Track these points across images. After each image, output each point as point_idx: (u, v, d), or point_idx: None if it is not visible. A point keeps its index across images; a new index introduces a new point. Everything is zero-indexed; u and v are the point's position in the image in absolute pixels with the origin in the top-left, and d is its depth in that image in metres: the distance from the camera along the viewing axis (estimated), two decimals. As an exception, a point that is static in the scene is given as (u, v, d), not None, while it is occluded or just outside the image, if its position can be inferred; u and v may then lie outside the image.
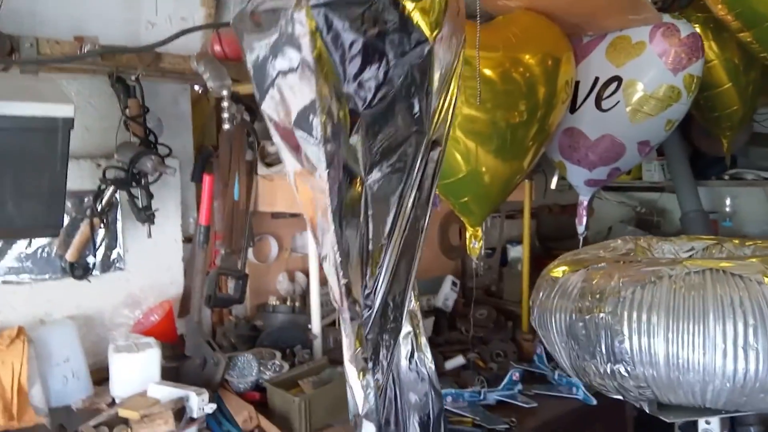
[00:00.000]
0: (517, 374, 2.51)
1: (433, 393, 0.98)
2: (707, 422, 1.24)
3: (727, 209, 3.74)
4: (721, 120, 2.95)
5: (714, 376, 1.00)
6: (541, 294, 1.27)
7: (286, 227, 2.76)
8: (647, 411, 1.10)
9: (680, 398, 1.07)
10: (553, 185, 3.73)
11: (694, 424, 3.17)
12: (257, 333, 2.44)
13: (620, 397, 1.15)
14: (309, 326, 2.43)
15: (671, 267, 1.09)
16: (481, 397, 2.43)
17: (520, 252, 3.49)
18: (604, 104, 2.18)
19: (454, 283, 3.29)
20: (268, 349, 2.27)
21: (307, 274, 2.75)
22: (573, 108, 2.26)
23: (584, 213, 2.53)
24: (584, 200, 2.53)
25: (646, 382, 1.06)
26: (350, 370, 1.00)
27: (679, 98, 2.11)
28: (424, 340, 1.01)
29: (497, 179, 2.26)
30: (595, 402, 2.51)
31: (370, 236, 0.93)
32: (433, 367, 1.00)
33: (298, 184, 1.03)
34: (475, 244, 2.35)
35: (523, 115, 2.15)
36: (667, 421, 1.12)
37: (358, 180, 0.94)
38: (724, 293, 1.01)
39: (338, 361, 2.25)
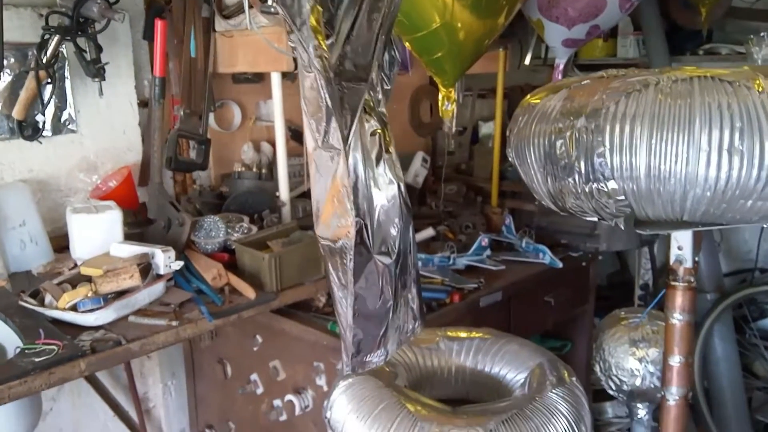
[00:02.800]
0: (486, 240, 2.53)
1: (401, 200, 0.93)
2: (679, 248, 1.24)
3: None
4: (701, -13, 2.85)
5: (695, 184, 0.97)
6: (519, 121, 1.21)
7: (249, 93, 2.62)
8: (622, 227, 1.08)
9: (658, 211, 1.05)
10: (527, 61, 3.63)
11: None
12: (223, 201, 2.37)
13: (595, 219, 1.13)
14: (277, 193, 2.37)
15: (658, 76, 1.03)
16: (451, 262, 2.45)
17: (491, 128, 3.44)
18: (586, -48, 2.05)
19: (424, 159, 3.24)
20: (235, 213, 2.22)
21: (272, 144, 2.66)
22: (553, -43, 2.13)
23: (560, 77, 2.46)
24: (560, 63, 2.45)
25: (625, 196, 1.03)
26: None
27: (663, -55, 2.00)
28: (393, 150, 0.95)
29: (471, 36, 2.16)
30: (560, 265, 2.57)
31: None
32: (401, 175, 0.95)
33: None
34: (448, 105, 2.27)
35: (501, -34, 2.01)
36: (642, 233, 1.11)
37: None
38: (711, 99, 0.97)
39: (308, 227, 2.23)
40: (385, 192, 0.92)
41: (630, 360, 1.82)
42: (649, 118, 0.99)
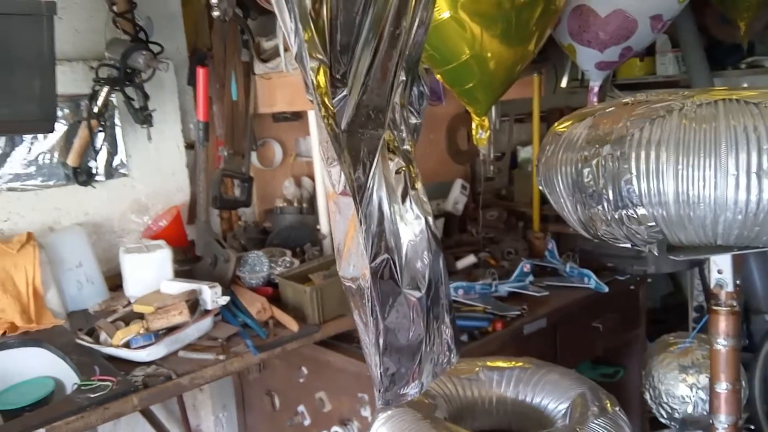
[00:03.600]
0: (528, 265, 2.51)
1: (429, 234, 0.96)
2: (719, 272, 1.22)
3: (745, 100, 3.61)
4: (738, 1, 2.80)
5: (726, 208, 0.96)
6: (546, 151, 1.22)
7: (289, 131, 2.71)
8: (656, 254, 1.07)
9: (691, 236, 1.03)
10: (563, 83, 3.63)
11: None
12: (266, 236, 2.44)
13: (629, 245, 1.12)
14: (318, 226, 2.42)
15: (681, 101, 1.03)
16: (493, 289, 2.44)
17: (530, 153, 3.44)
18: (614, -24, 2.06)
19: (463, 187, 3.26)
20: (278, 248, 2.28)
21: (313, 178, 2.73)
22: (581, -17, 2.14)
23: (595, 100, 2.44)
24: (595, 86, 2.44)
25: (655, 222, 1.03)
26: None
27: (693, -36, 1.99)
28: (420, 186, 0.97)
29: (502, 64, 2.18)
30: (606, 289, 2.52)
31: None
32: (429, 209, 0.97)
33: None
34: (482, 134, 2.29)
35: (528, -6, 2.04)
36: (677, 259, 1.09)
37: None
38: (737, 122, 0.96)
39: (348, 258, 2.27)
40: (412, 227, 0.94)
41: (680, 387, 1.76)
42: (674, 144, 0.99)
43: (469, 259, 2.76)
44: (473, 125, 2.31)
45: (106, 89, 2.04)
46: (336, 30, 0.80)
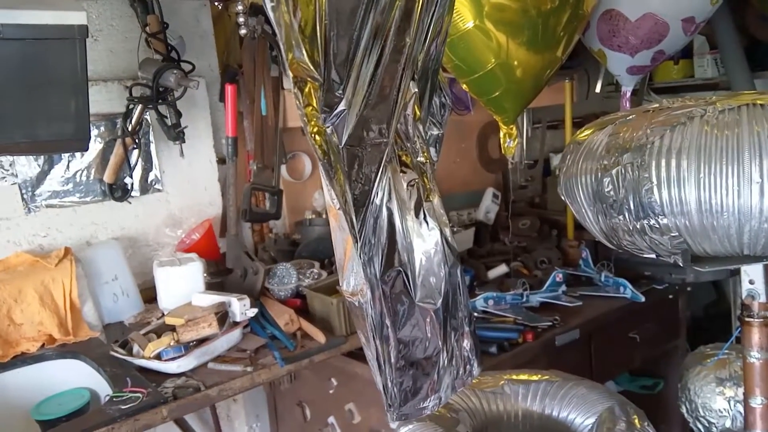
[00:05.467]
0: (561, 275, 2.46)
1: (445, 246, 0.95)
2: (751, 282, 1.17)
3: (789, 101, 3.47)
4: (780, -2, 2.71)
5: (750, 217, 0.93)
6: (567, 160, 1.20)
7: (318, 143, 2.73)
8: (680, 264, 1.04)
9: (716, 246, 1.00)
10: (597, 89, 3.56)
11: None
12: (295, 248, 2.46)
13: (653, 255, 1.09)
14: (346, 238, 2.43)
15: (703, 107, 1.00)
16: (524, 299, 2.41)
17: (563, 160, 3.38)
18: (643, -21, 2.02)
19: (495, 195, 3.23)
20: (306, 259, 2.30)
21: (343, 190, 2.74)
22: (609, -13, 2.11)
23: (627, 105, 2.40)
24: (627, 91, 2.40)
25: (678, 232, 1.00)
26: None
27: (725, -36, 1.93)
28: (436, 197, 0.97)
29: (529, 72, 2.15)
30: (643, 299, 2.45)
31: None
32: (446, 221, 0.96)
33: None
34: (509, 143, 2.27)
35: (555, 1, 2.01)
36: (702, 270, 1.06)
37: None
38: (761, 128, 0.92)
39: (377, 269, 2.27)
40: (427, 240, 0.94)
41: (718, 400, 1.70)
42: (695, 151, 0.96)
43: (501, 269, 2.73)
44: (501, 134, 2.29)
45: (139, 107, 2.10)
46: (332, 44, 0.81)
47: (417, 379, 1.00)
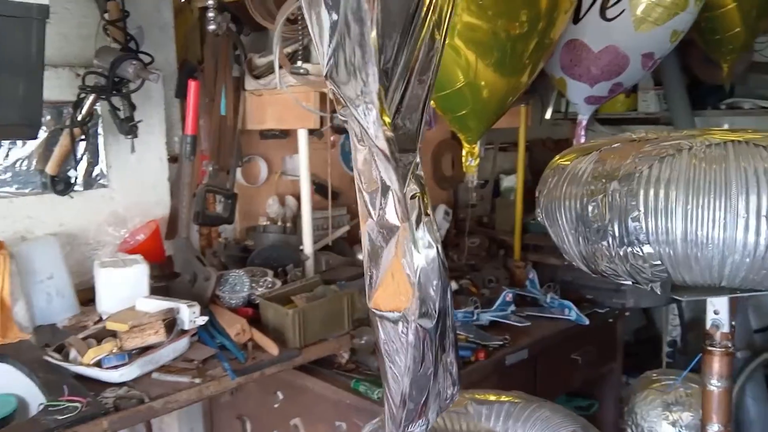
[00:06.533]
0: (510, 295, 2.50)
1: (440, 262, 0.93)
2: (716, 312, 1.22)
3: (723, 140, 3.68)
4: (723, 43, 2.88)
5: (734, 250, 0.96)
6: (548, 183, 1.21)
7: (276, 149, 2.67)
8: (659, 292, 1.06)
9: (696, 276, 1.03)
10: (547, 115, 3.67)
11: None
12: (247, 254, 2.38)
13: (629, 282, 1.11)
14: (301, 247, 2.37)
15: (690, 140, 1.03)
16: (475, 317, 2.42)
17: (513, 182, 3.45)
18: (609, 13, 2.09)
19: (446, 213, 3.25)
20: (259, 267, 2.22)
21: (297, 198, 2.68)
22: (576, 18, 2.16)
23: (583, 133, 2.47)
24: (583, 119, 2.46)
25: (661, 261, 1.02)
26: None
27: (686, 6, 2.03)
28: (431, 212, 0.95)
29: (495, 94, 2.19)
30: (587, 322, 2.52)
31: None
32: (439, 237, 0.94)
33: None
34: (471, 161, 2.29)
35: (524, 26, 2.05)
36: (681, 299, 1.08)
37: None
38: (747, 164, 0.96)
39: (331, 281, 2.22)
40: (425, 255, 0.91)
41: (663, 425, 1.75)
42: (684, 183, 0.98)
43: (451, 286, 2.73)
44: (464, 152, 2.31)
45: (92, 97, 1.98)
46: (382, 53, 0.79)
47: (411, 400, 0.96)
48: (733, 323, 1.22)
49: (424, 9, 0.80)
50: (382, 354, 0.97)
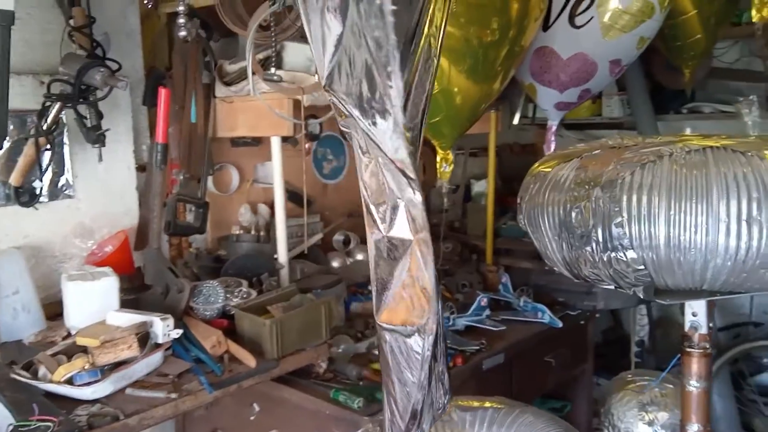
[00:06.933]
0: (485, 299, 2.51)
1: (435, 270, 0.92)
2: (694, 314, 1.24)
3: (685, 143, 3.79)
4: (684, 49, 2.96)
5: (716, 254, 0.98)
6: (530, 189, 1.22)
7: (247, 156, 2.63)
8: (642, 296, 1.08)
9: (678, 280, 1.05)
10: (515, 121, 3.72)
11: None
12: (220, 265, 2.34)
13: (612, 286, 1.13)
14: (275, 256, 2.34)
15: (669, 146, 1.05)
16: (450, 323, 2.42)
17: (483, 186, 3.48)
18: (578, 20, 2.12)
19: (417, 218, 3.25)
20: (233, 277, 2.18)
21: (269, 205, 2.65)
22: (546, 26, 2.20)
23: (553, 138, 2.50)
24: (553, 125, 2.50)
25: (644, 266, 1.03)
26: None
27: (652, 14, 2.08)
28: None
29: (468, 101, 2.21)
30: (560, 324, 2.55)
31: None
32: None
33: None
34: (446, 167, 2.30)
35: (495, 34, 2.08)
36: (663, 303, 1.10)
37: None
38: (727, 170, 0.98)
39: (307, 290, 2.20)
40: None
41: (639, 425, 1.78)
42: (666, 189, 1.00)
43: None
44: (438, 159, 2.32)
45: (57, 105, 1.92)
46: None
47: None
48: (711, 325, 1.25)
49: (427, 17, 0.80)
50: (388, 367, 0.96)
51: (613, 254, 1.06)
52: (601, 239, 1.07)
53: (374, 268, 0.93)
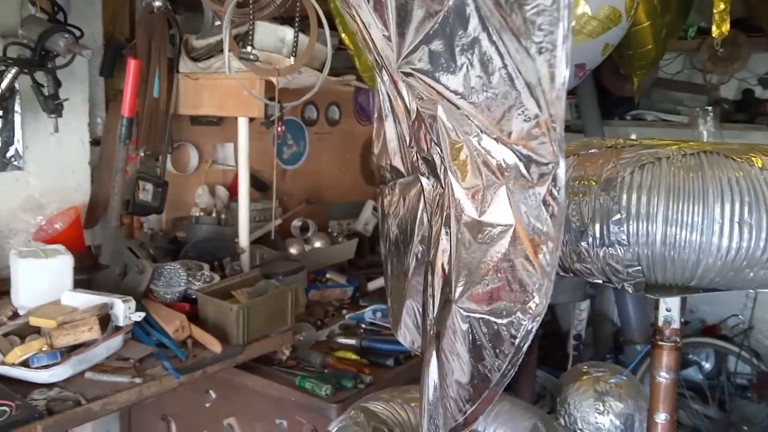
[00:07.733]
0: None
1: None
2: (668, 309, 1.31)
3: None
4: (635, 58, 3.09)
5: (709, 253, 1.04)
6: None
7: (207, 136, 2.55)
8: (631, 292, 1.13)
9: (668, 277, 1.10)
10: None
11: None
12: (178, 246, 2.26)
13: (600, 281, 1.17)
14: (236, 240, 2.29)
15: (665, 149, 1.11)
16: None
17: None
18: (549, 23, 2.17)
19: (375, 208, 3.25)
20: (194, 260, 2.11)
21: (227, 188, 2.59)
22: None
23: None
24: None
25: (638, 262, 1.08)
26: None
27: (619, 21, 2.16)
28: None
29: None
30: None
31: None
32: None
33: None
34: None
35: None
36: (653, 298, 1.16)
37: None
38: (721, 173, 1.05)
39: (270, 276, 2.16)
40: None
41: (595, 414, 1.86)
42: (665, 189, 1.05)
43: (380, 281, 2.75)
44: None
45: (14, 71, 1.78)
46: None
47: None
48: (683, 319, 1.32)
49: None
50: (447, 354, 0.96)
51: (609, 250, 1.10)
52: (597, 235, 1.11)
53: (454, 253, 0.94)
